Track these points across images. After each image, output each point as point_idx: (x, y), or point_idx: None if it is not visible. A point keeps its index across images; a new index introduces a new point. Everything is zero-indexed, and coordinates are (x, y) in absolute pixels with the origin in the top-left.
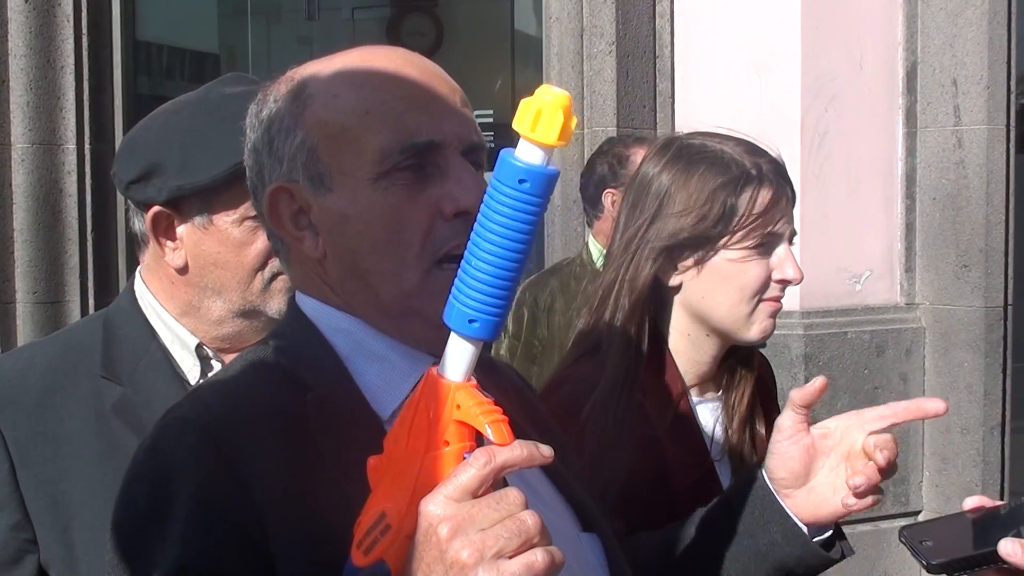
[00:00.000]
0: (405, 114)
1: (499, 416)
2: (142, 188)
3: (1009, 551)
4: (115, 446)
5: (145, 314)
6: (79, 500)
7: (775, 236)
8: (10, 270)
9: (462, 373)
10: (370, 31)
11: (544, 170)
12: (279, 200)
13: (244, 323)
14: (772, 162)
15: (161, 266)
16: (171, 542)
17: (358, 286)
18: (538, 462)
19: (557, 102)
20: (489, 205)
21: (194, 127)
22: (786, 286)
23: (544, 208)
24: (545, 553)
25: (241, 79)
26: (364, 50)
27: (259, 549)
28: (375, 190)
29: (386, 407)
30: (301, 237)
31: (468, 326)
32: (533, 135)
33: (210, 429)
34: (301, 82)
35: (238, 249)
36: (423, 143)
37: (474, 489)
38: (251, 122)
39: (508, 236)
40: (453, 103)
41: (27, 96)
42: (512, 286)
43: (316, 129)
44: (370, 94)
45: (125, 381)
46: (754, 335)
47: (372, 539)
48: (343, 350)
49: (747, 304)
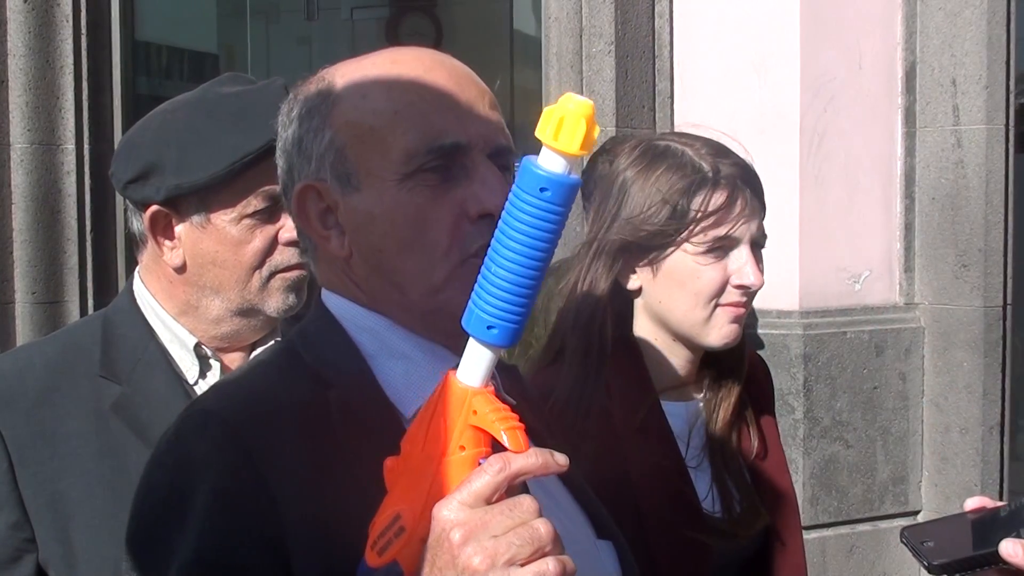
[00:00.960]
0: (432, 115)
1: (515, 423)
2: (140, 188)
3: (1010, 552)
4: (114, 445)
5: (144, 314)
6: (78, 499)
7: (731, 240)
8: (9, 270)
9: (480, 379)
10: (369, 31)
11: (566, 179)
12: (307, 199)
13: (242, 322)
14: (737, 165)
15: (159, 266)
16: (189, 532)
17: (384, 285)
18: (553, 470)
19: (580, 111)
20: (510, 212)
21: (191, 126)
22: (747, 292)
23: (565, 217)
24: (557, 562)
25: (238, 79)
26: (394, 51)
27: (276, 543)
28: (401, 190)
29: (409, 406)
30: (328, 236)
31: (487, 332)
32: (555, 144)
33: (232, 422)
34: (331, 83)
35: (236, 248)
36: (449, 144)
37: (488, 495)
38: (282, 121)
39: (528, 244)
40: (481, 105)
41: (26, 96)
42: (532, 294)
43: (344, 129)
44: (398, 95)
45: (124, 380)
46: (714, 341)
47: (386, 540)
48: (368, 349)
49: (703, 308)
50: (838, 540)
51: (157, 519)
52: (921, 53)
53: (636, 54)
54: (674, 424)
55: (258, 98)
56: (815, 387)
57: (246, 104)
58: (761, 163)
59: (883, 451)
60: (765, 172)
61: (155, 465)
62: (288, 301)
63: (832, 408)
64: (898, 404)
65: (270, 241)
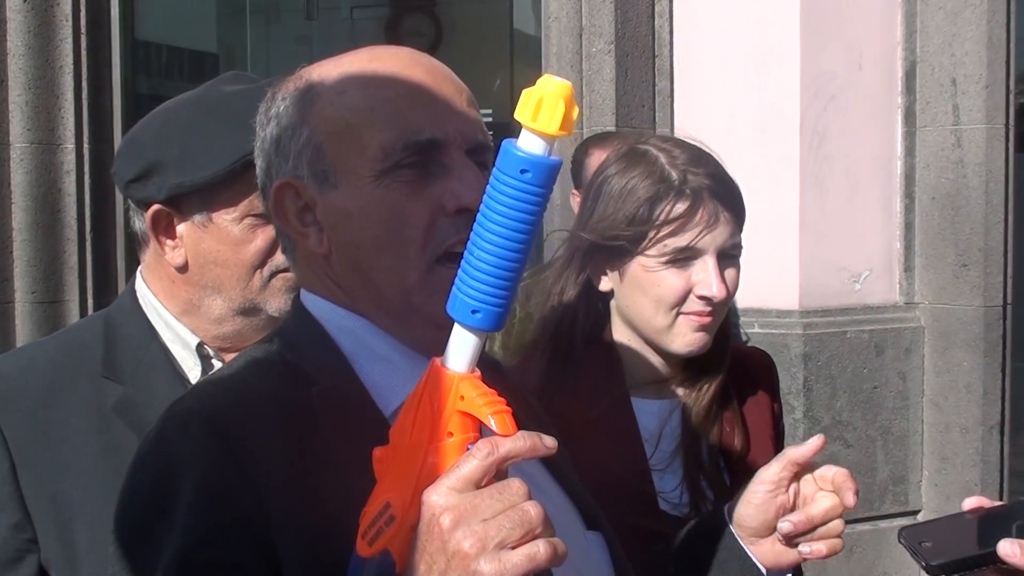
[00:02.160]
0: (408, 112)
1: (502, 407)
2: (142, 187)
3: (1008, 552)
4: (116, 446)
5: (146, 314)
6: (80, 500)
7: (693, 250)
8: (9, 270)
9: (466, 364)
10: (369, 30)
11: (546, 160)
12: (284, 196)
13: (244, 321)
14: (710, 176)
15: (161, 265)
16: (175, 530)
17: (361, 282)
18: (541, 453)
19: (558, 91)
20: (491, 195)
21: (194, 125)
22: (710, 302)
23: (546, 198)
24: (547, 544)
25: (241, 77)
26: (372, 50)
27: (262, 538)
28: (377, 187)
29: (389, 405)
30: (306, 233)
31: (471, 316)
32: (534, 124)
33: (215, 419)
34: (308, 81)
35: (237, 247)
36: (425, 140)
37: (477, 479)
38: (260, 120)
39: (510, 227)
40: (458, 102)
41: (26, 96)
42: (515, 277)
43: (321, 126)
44: (375, 92)
45: (126, 381)
46: (678, 348)
47: (377, 530)
48: (347, 349)
49: (664, 316)
50: None
51: (142, 519)
52: (921, 53)
53: (636, 53)
54: (647, 422)
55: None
56: (815, 387)
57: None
58: (761, 162)
59: (883, 451)
60: (765, 171)
61: (138, 465)
62: (290, 301)
63: (832, 408)
64: (898, 404)
65: (272, 241)
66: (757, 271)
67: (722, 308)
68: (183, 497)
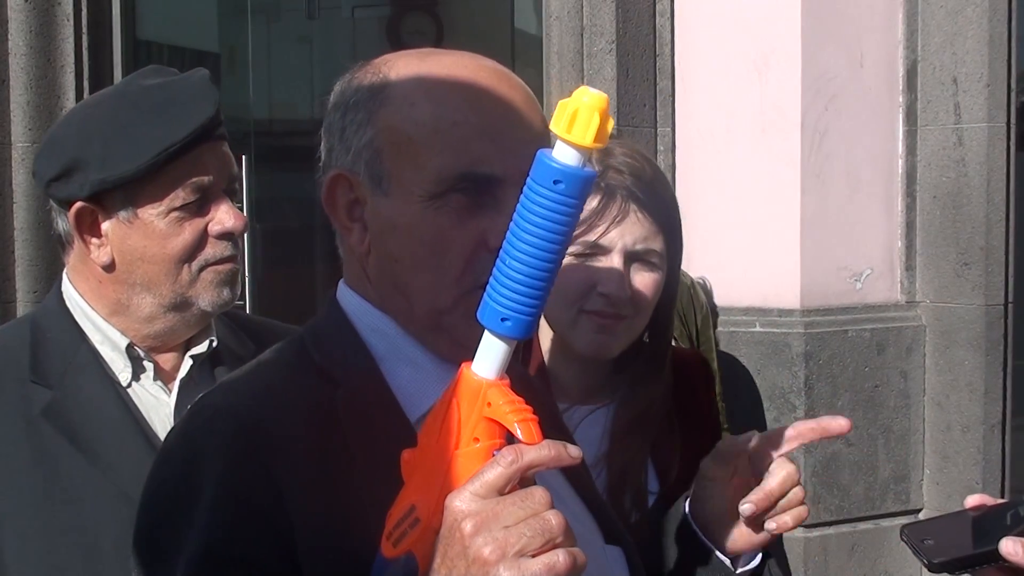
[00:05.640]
0: (473, 142)
1: (529, 415)
2: (64, 185)
3: (1010, 550)
4: (45, 451)
5: (73, 316)
6: (8, 507)
7: (599, 247)
8: (10, 269)
9: (494, 371)
10: (370, 30)
11: (579, 171)
12: (337, 186)
13: (176, 317)
14: (633, 177)
15: (87, 266)
16: (198, 526)
17: (394, 293)
18: (565, 462)
19: (594, 103)
20: (524, 205)
21: (114, 120)
22: (611, 301)
23: (579, 209)
24: (567, 554)
25: (161, 71)
26: (457, 59)
27: (283, 537)
28: (426, 208)
29: (416, 409)
30: (351, 228)
31: (501, 324)
32: (569, 136)
33: (240, 416)
34: (384, 79)
35: (164, 241)
36: (482, 175)
37: (500, 486)
38: (334, 101)
39: (542, 236)
40: (527, 136)
41: (27, 95)
42: (546, 286)
43: (385, 133)
44: (444, 112)
45: (54, 385)
46: (580, 348)
47: (401, 531)
48: (378, 351)
49: (567, 311)
50: (839, 538)
51: (166, 513)
52: (922, 51)
53: (637, 52)
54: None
55: (181, 89)
56: (816, 385)
57: (169, 95)
58: (762, 161)
59: (884, 449)
60: (766, 170)
61: (163, 459)
62: (223, 296)
63: (833, 406)
64: (899, 402)
65: (200, 234)
66: (758, 270)
67: (630, 312)
68: (207, 493)
